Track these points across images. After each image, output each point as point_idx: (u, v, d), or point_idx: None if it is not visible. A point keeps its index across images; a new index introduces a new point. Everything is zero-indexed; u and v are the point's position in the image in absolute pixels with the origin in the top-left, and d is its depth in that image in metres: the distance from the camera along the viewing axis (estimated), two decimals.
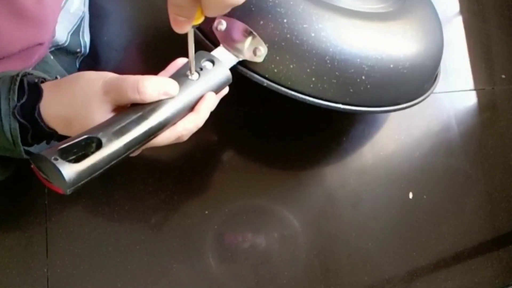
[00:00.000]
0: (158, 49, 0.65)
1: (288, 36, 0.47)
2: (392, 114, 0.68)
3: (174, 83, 0.38)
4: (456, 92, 0.75)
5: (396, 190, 0.65)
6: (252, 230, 0.59)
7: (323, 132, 0.66)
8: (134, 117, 0.35)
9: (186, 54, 0.40)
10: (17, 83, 0.37)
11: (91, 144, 0.33)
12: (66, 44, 0.55)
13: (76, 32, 0.58)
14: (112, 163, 0.33)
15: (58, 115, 0.37)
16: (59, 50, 0.55)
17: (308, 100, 0.49)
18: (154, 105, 0.36)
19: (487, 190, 0.69)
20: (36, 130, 0.38)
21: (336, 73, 0.48)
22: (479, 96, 0.76)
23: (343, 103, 0.51)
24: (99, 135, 0.33)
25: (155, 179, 0.59)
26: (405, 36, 0.52)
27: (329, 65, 0.48)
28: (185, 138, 0.41)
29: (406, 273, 0.62)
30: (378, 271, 0.61)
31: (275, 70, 0.48)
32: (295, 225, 0.60)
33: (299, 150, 0.64)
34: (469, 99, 0.76)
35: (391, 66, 0.50)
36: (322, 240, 0.61)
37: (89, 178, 0.32)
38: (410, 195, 0.65)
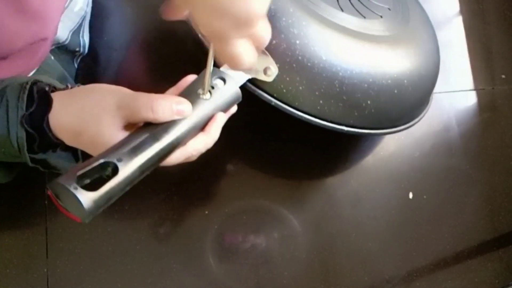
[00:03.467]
0: (158, 49, 0.65)
1: (300, 57, 0.47)
2: None
3: (187, 103, 0.37)
4: (456, 92, 0.75)
5: (396, 190, 0.65)
6: (252, 230, 0.59)
7: (323, 133, 0.65)
8: (148, 138, 0.34)
9: (186, 54, 0.40)
10: (27, 91, 0.36)
11: (106, 167, 0.32)
12: (67, 42, 0.55)
13: (76, 31, 0.58)
14: (127, 188, 0.33)
15: (68, 127, 0.36)
16: (59, 49, 0.55)
17: (314, 121, 0.50)
18: (166, 125, 0.36)
19: (487, 190, 0.69)
20: (43, 139, 0.37)
21: (344, 97, 0.49)
22: (479, 96, 0.76)
23: (346, 126, 0.51)
24: (115, 160, 0.32)
25: (155, 179, 0.59)
26: (409, 61, 0.53)
27: (338, 89, 0.48)
28: (194, 158, 0.40)
29: (406, 273, 0.62)
30: (378, 271, 0.61)
31: (284, 91, 0.48)
32: (295, 225, 0.60)
33: (299, 150, 0.64)
34: (469, 99, 0.76)
35: (395, 91, 0.51)
36: (322, 240, 0.61)
37: (106, 205, 0.32)
38: (410, 195, 0.65)
